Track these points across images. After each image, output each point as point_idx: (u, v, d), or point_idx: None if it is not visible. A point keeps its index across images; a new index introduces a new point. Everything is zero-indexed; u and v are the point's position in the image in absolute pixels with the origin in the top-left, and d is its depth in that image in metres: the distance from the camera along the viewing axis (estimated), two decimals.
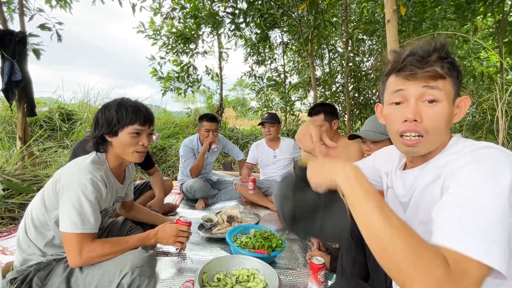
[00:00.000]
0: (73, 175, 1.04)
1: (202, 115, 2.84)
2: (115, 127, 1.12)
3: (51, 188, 1.06)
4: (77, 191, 1.01)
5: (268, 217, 2.46)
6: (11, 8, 3.13)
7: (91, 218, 1.02)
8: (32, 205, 1.15)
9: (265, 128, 2.77)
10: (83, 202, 1.01)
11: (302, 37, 4.10)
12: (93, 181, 1.04)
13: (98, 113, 1.15)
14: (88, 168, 1.07)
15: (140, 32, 5.27)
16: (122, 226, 1.44)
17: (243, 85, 16.18)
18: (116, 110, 1.12)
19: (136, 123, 1.13)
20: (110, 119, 1.12)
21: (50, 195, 1.07)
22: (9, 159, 2.67)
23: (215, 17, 4.22)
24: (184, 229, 1.24)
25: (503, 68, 3.34)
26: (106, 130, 1.12)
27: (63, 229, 1.00)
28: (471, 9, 3.02)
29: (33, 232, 1.10)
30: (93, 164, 1.10)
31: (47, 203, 1.08)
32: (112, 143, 1.15)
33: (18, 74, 2.60)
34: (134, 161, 1.19)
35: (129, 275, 0.98)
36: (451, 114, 0.67)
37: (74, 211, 1.00)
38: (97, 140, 1.14)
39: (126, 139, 1.13)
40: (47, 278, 1.05)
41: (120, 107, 1.13)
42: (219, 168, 4.32)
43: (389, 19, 1.74)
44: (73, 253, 1.00)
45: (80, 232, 1.00)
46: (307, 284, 1.46)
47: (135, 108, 1.14)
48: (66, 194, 1.01)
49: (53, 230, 1.08)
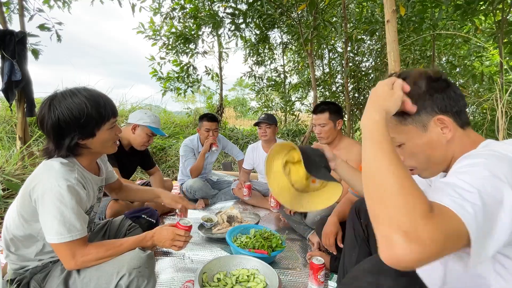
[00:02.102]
0: (45, 185, 0.94)
1: (202, 115, 2.83)
2: (92, 128, 1.01)
3: (26, 199, 0.98)
4: (54, 201, 0.93)
5: (268, 217, 2.46)
6: (10, 8, 3.13)
7: (77, 223, 0.97)
8: (8, 222, 1.06)
9: (261, 129, 2.69)
10: (63, 211, 0.94)
11: (301, 38, 4.10)
12: (69, 186, 0.96)
13: (55, 117, 0.96)
14: (59, 173, 0.96)
15: (140, 33, 5.27)
16: (120, 225, 1.42)
17: (243, 85, 16.18)
18: (88, 110, 0.97)
19: (112, 117, 1.05)
20: (84, 122, 0.97)
21: (26, 207, 0.99)
22: (9, 159, 2.67)
23: (215, 17, 4.22)
24: (181, 233, 1.18)
25: (503, 68, 3.34)
26: (80, 135, 1.00)
27: (50, 241, 0.95)
28: (471, 9, 3.02)
29: (18, 248, 1.05)
30: (64, 166, 0.99)
31: (26, 216, 1.00)
32: (87, 144, 1.05)
33: (18, 74, 2.60)
34: (112, 152, 1.13)
35: (127, 276, 0.96)
36: (422, 146, 0.72)
37: (56, 222, 0.93)
38: (68, 149, 1.00)
39: (106, 136, 1.05)
40: (45, 280, 1.04)
41: (90, 105, 0.98)
42: (219, 168, 4.31)
43: (389, 19, 1.74)
44: (67, 260, 0.97)
45: (68, 241, 0.95)
46: (307, 284, 1.46)
47: (105, 101, 1.03)
48: (43, 206, 0.94)
49: (42, 240, 1.02)
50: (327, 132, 1.97)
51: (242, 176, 2.80)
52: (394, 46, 1.75)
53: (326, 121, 1.95)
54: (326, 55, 5.98)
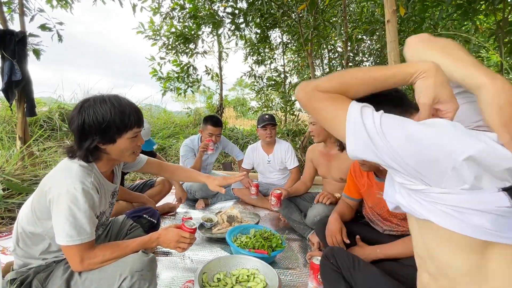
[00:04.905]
0: (61, 186, 0.97)
1: (208, 117, 2.75)
2: (113, 135, 1.03)
3: (42, 198, 1.01)
4: (68, 203, 0.96)
5: (268, 217, 2.46)
6: (11, 8, 3.13)
7: (87, 227, 0.99)
8: (21, 215, 1.09)
9: (266, 130, 2.67)
10: (75, 214, 0.96)
11: (301, 37, 4.10)
12: (84, 190, 0.98)
13: (81, 119, 1.00)
14: (77, 175, 0.99)
15: (140, 33, 5.27)
16: (122, 225, 1.43)
17: (243, 85, 16.17)
18: (111, 116, 1.01)
19: (135, 127, 1.07)
20: (105, 127, 1.00)
21: (41, 205, 1.02)
22: (9, 159, 2.67)
23: (215, 17, 4.22)
24: (186, 235, 1.19)
25: (503, 68, 3.34)
26: (100, 139, 1.02)
27: (60, 242, 0.98)
28: (472, 9, 3.02)
29: (26, 244, 1.07)
30: (82, 169, 1.02)
31: (38, 214, 1.03)
32: (107, 150, 1.07)
33: (18, 74, 2.60)
34: (130, 161, 1.14)
35: (129, 279, 0.96)
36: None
37: (68, 224, 0.96)
38: (87, 151, 1.03)
39: (126, 144, 1.07)
40: (47, 280, 1.04)
41: (115, 112, 1.01)
42: (219, 168, 4.31)
43: (389, 19, 1.75)
44: (75, 262, 0.99)
45: (77, 244, 0.97)
46: (307, 284, 1.46)
47: (131, 111, 1.05)
48: (57, 207, 0.97)
49: (49, 239, 1.05)
50: (318, 130, 2.01)
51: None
52: (394, 46, 1.75)
53: None
54: (326, 55, 5.98)
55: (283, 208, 2.14)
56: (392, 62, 1.79)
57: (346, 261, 1.08)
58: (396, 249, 1.27)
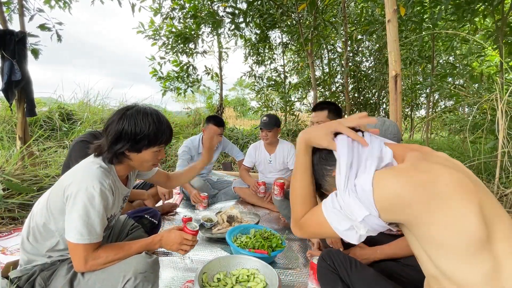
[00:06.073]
0: (81, 183, 1.00)
1: (211, 117, 2.74)
2: (142, 146, 1.08)
3: (59, 194, 1.03)
4: (85, 201, 0.98)
5: (268, 217, 2.46)
6: (11, 8, 3.13)
7: (98, 228, 1.01)
8: (36, 209, 1.11)
9: (262, 133, 2.69)
10: (90, 213, 0.98)
11: (301, 37, 4.10)
12: (102, 190, 1.01)
13: (121, 126, 1.05)
14: (97, 174, 1.02)
15: (140, 33, 5.27)
16: (123, 225, 1.43)
17: (243, 85, 16.18)
18: (148, 131, 1.05)
19: (163, 144, 1.12)
20: (139, 139, 1.05)
21: (57, 201, 1.03)
22: (9, 159, 2.67)
23: (215, 17, 4.22)
24: (189, 237, 1.19)
25: (503, 68, 3.34)
26: (129, 147, 1.06)
27: (69, 239, 0.98)
28: (470, 9, 3.02)
29: (35, 238, 1.07)
30: (102, 169, 1.05)
31: (53, 209, 1.04)
32: (131, 157, 1.11)
33: (17, 74, 2.59)
34: (148, 171, 1.20)
35: (132, 280, 0.96)
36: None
37: (81, 222, 0.97)
38: (114, 154, 1.07)
39: (149, 156, 1.11)
40: (51, 278, 1.05)
41: (152, 128, 1.06)
42: (219, 168, 4.31)
43: (390, 19, 1.75)
44: (79, 261, 1.00)
45: (86, 243, 0.98)
46: (307, 284, 1.46)
47: (165, 130, 1.11)
48: (74, 204, 0.98)
49: (59, 236, 1.06)
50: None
51: (247, 176, 2.79)
52: (395, 46, 1.75)
53: (324, 119, 1.95)
54: (326, 55, 5.98)
55: (283, 208, 2.14)
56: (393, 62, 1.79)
57: (343, 262, 1.08)
58: (395, 248, 1.26)
